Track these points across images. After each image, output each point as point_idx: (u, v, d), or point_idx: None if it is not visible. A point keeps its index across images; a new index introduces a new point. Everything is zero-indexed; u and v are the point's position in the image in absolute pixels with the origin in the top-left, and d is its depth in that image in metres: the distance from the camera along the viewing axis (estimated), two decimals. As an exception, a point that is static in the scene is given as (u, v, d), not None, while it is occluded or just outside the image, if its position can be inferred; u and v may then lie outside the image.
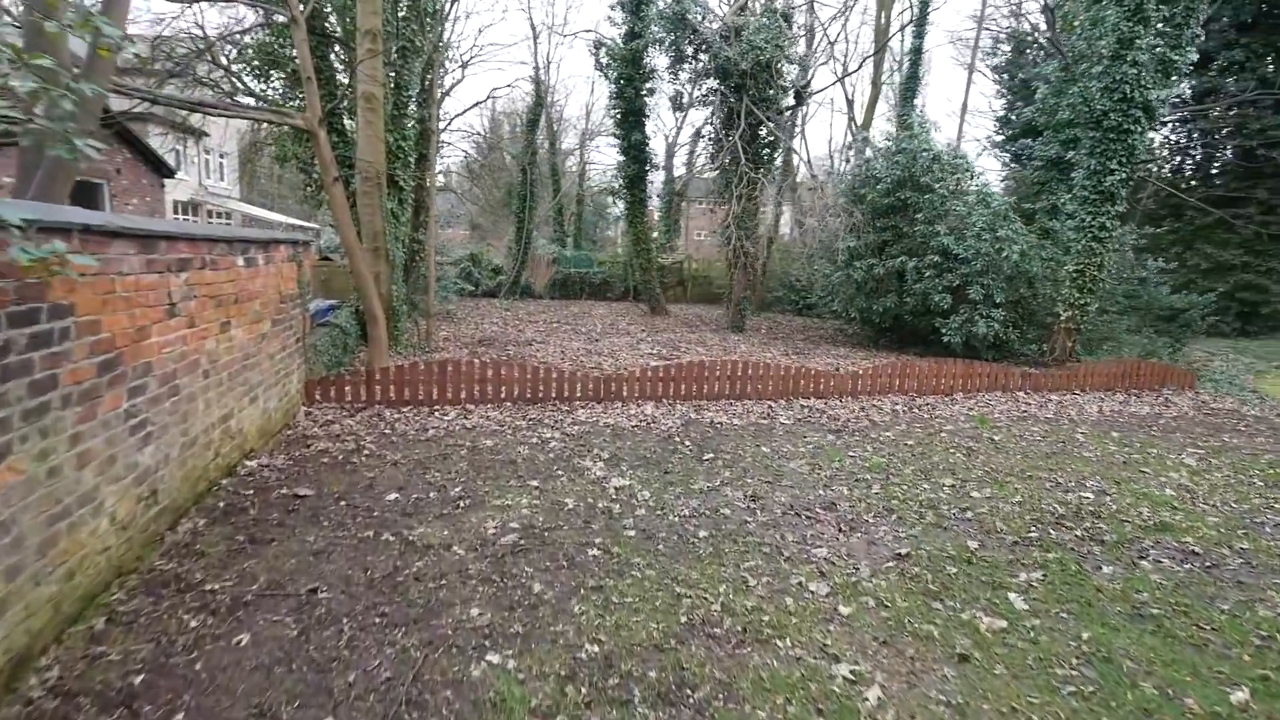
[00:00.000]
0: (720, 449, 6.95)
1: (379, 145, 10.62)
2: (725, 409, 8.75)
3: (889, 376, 10.12)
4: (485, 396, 8.31)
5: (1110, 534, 5.04)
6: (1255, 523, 5.44)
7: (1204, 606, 3.97)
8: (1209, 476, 6.73)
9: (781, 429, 7.94)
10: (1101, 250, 13.33)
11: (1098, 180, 13.19)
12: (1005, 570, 4.36)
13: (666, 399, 9.00)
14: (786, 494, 5.67)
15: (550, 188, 33.98)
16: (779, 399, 9.43)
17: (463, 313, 18.35)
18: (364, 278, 9.29)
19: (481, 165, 32.90)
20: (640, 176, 19.72)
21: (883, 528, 5.00)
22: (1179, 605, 3.97)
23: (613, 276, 28.79)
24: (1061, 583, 4.20)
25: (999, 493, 5.91)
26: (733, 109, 16.16)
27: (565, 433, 7.27)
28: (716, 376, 9.21)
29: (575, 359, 11.96)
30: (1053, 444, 7.80)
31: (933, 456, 7.02)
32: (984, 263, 13.41)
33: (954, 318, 13.56)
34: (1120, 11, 12.51)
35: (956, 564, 4.42)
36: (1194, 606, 3.97)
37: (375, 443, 6.51)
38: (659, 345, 14.06)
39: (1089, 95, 13.22)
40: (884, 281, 15.06)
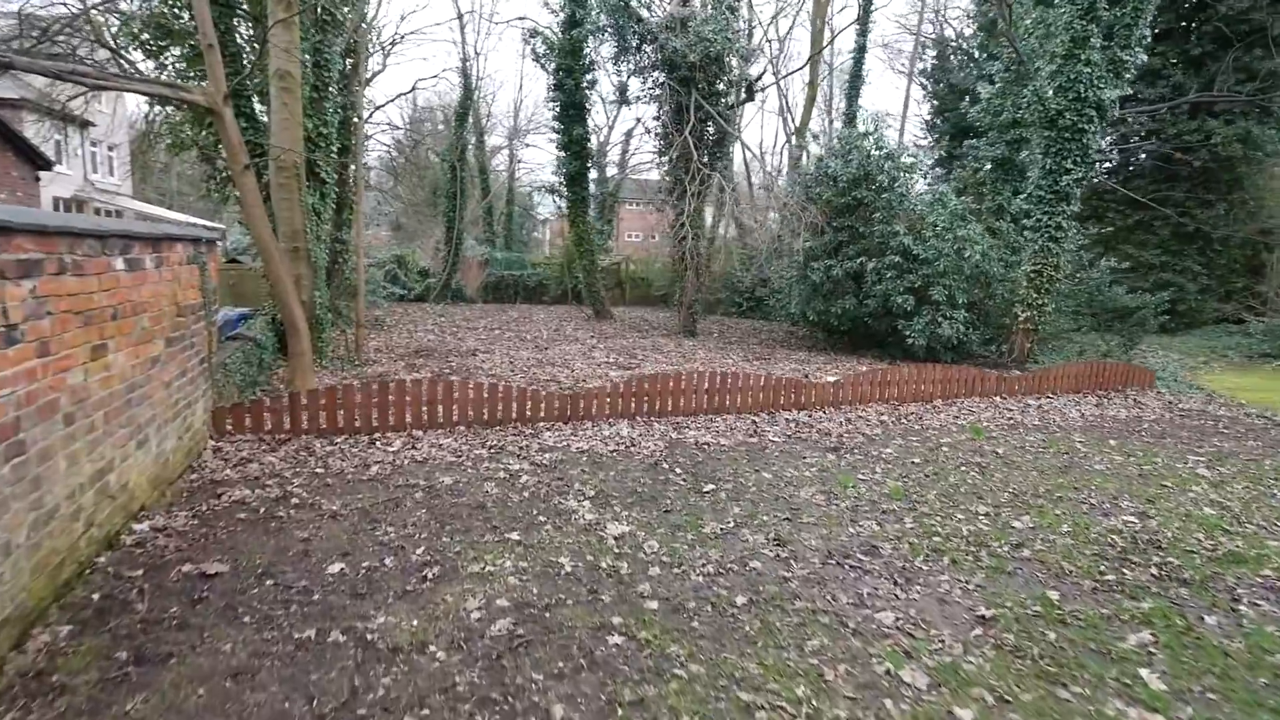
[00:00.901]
0: (717, 476, 6.06)
1: (296, 130, 9.22)
2: (706, 426, 7.88)
3: (870, 385, 9.52)
4: (435, 420, 7.12)
5: (1186, 570, 4.44)
6: (1314, 545, 4.99)
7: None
8: (1231, 489, 6.34)
9: (775, 449, 7.13)
10: (1058, 250, 13.26)
11: (1053, 180, 13.10)
12: (1108, 631, 3.64)
13: (641, 416, 8.05)
14: (814, 535, 4.82)
15: (479, 187, 32.43)
16: (760, 412, 8.64)
17: (392, 319, 16.81)
18: (282, 282, 7.91)
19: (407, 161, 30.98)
20: (582, 173, 18.68)
21: (942, 578, 4.22)
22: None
23: (548, 279, 27.61)
24: (1179, 646, 3.51)
25: (1041, 521, 5.25)
26: (682, 103, 15.37)
27: (535, 463, 6.21)
28: (694, 390, 8.33)
29: (526, 370, 10.83)
30: (1058, 456, 7.30)
31: (948, 477, 6.36)
32: (947, 263, 13.11)
33: (917, 319, 13.20)
34: (1074, 10, 12.43)
35: (1050, 625, 3.67)
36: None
37: (306, 487, 5.27)
38: (614, 353, 13.08)
39: (1043, 94, 13.11)
40: (841, 283, 14.60)
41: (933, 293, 13.14)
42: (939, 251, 13.18)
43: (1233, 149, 21.49)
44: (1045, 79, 13.19)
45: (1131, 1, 12.56)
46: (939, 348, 13.49)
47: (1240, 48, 20.98)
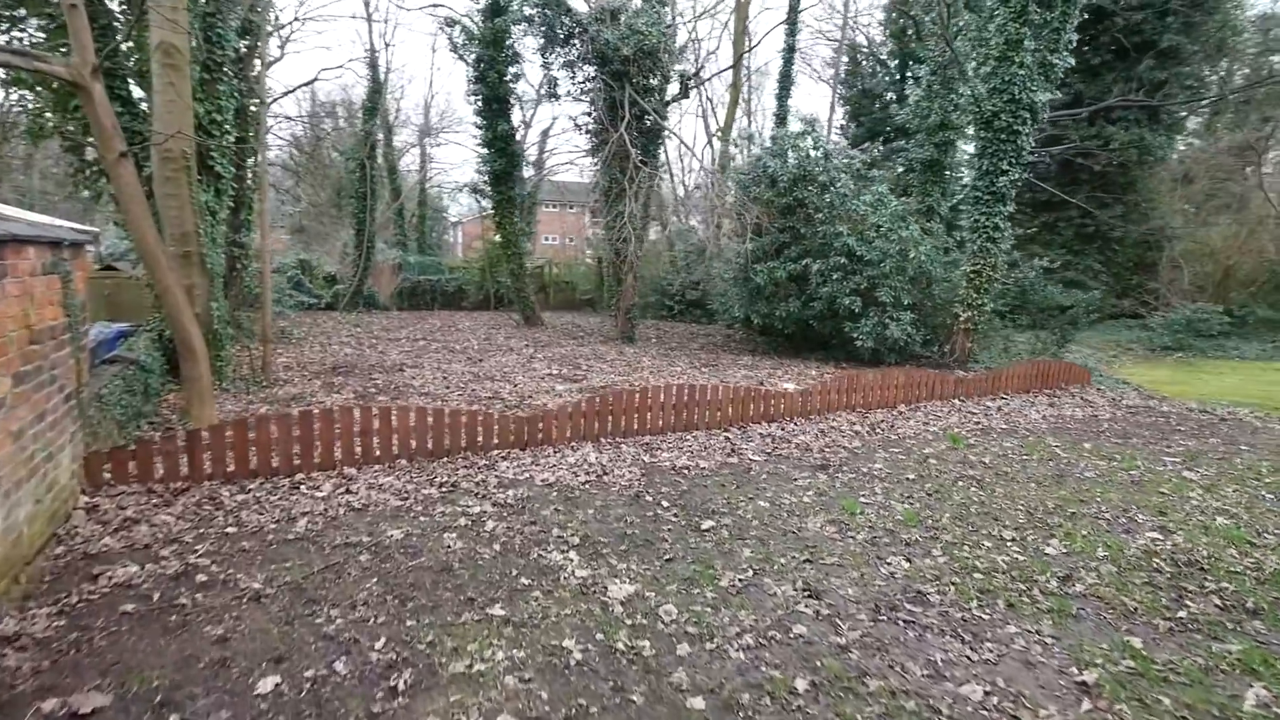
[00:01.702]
0: (710, 509, 5.33)
1: (185, 115, 7.87)
2: (679, 446, 7.14)
3: (838, 392, 9.06)
4: (371, 454, 6.04)
5: (1246, 597, 4.07)
6: (1340, 555, 4.78)
7: None
8: (1224, 493, 6.19)
9: (759, 470, 6.47)
10: (995, 251, 13.38)
11: (990, 181, 13.19)
12: (1218, 688, 3.14)
13: (606, 438, 7.21)
14: (845, 580, 4.16)
15: (389, 188, 30.53)
16: (730, 427, 7.99)
17: (301, 331, 15.17)
18: (172, 293, 6.59)
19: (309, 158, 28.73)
20: (508, 172, 17.58)
21: (1009, 629, 3.64)
22: None
23: (468, 284, 26.22)
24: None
25: (1072, 546, 4.82)
26: (616, 99, 14.62)
27: (499, 503, 5.27)
28: (661, 406, 7.57)
29: (463, 387, 9.76)
30: (1044, 464, 7.02)
31: (951, 495, 5.89)
32: (891, 264, 12.95)
33: (865, 321, 12.97)
34: (1007, 12, 12.53)
35: (1155, 685, 3.14)
36: None
37: (216, 555, 4.15)
38: (555, 363, 12.15)
39: (978, 96, 13.19)
40: (785, 285, 14.25)
41: (879, 294, 12.95)
42: (884, 253, 13.02)
43: (1128, 154, 22.85)
44: (979, 80, 13.28)
45: (1060, 6, 12.81)
46: (884, 349, 13.34)
47: (1134, 59, 22.32)
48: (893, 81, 30.69)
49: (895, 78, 30.65)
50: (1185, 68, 23.31)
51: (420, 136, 34.43)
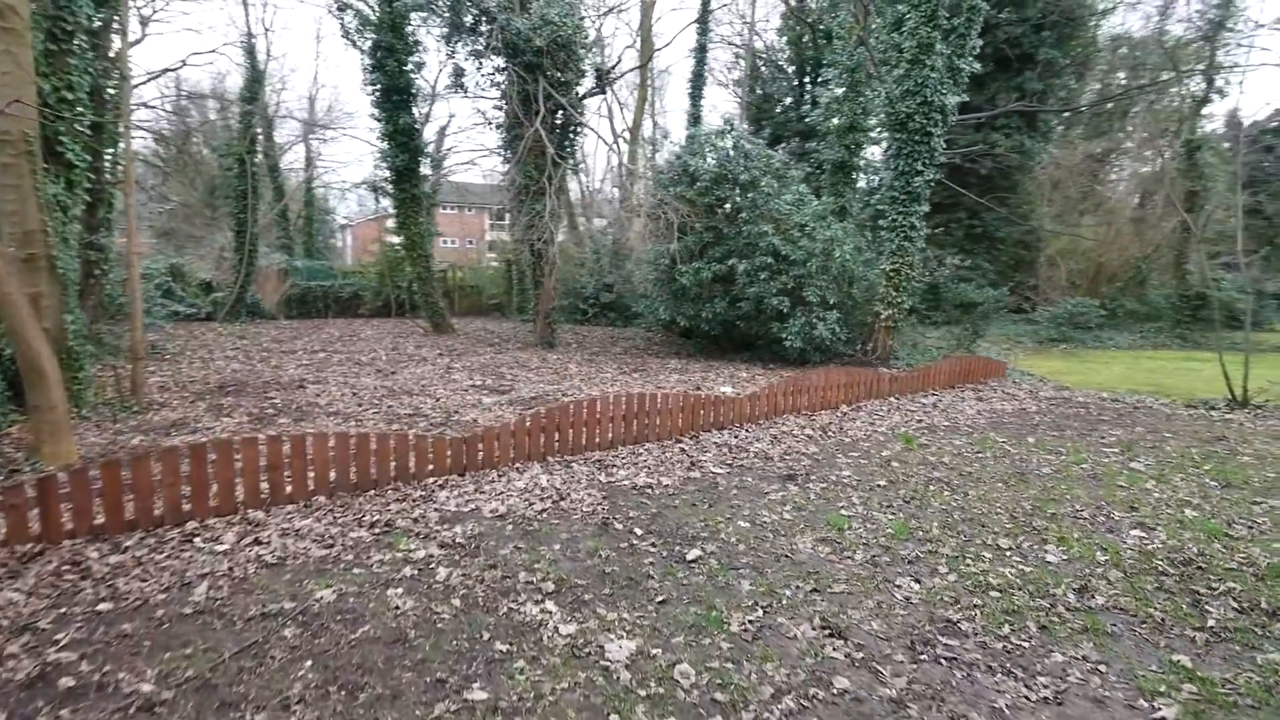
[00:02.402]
0: (689, 534, 4.78)
1: (26, 89, 6.50)
2: (633, 460, 6.56)
3: (784, 395, 8.77)
4: (281, 492, 5.06)
5: (1257, 597, 3.95)
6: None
7: None
8: (1174, 482, 6.29)
9: (725, 484, 5.99)
10: (912, 249, 13.67)
11: (906, 181, 13.44)
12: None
13: (553, 456, 6.51)
14: (863, 612, 3.72)
15: (271, 187, 28.13)
16: (682, 437, 7.49)
17: (176, 346, 13.38)
18: (13, 304, 5.35)
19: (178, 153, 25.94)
20: (411, 168, 16.37)
21: (1055, 657, 3.30)
22: None
23: (365, 289, 24.49)
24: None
25: (1073, 552, 4.61)
26: (530, 92, 13.84)
27: (446, 543, 4.49)
28: (610, 418, 6.95)
29: (378, 403, 8.73)
30: (999, 461, 6.96)
31: (929, 501, 5.63)
32: (817, 264, 12.92)
33: (792, 321, 12.87)
34: (918, 16, 12.78)
35: (1227, 712, 2.87)
36: None
37: (84, 646, 3.17)
38: (476, 373, 11.23)
39: (893, 98, 13.41)
40: (710, 286, 13.97)
41: (806, 294, 12.89)
42: (809, 252, 12.97)
43: (1011, 159, 24.35)
44: (893, 83, 13.51)
45: (965, 12, 13.23)
46: (811, 349, 13.30)
47: (1015, 69, 23.81)
48: (792, 87, 31.49)
49: (794, 83, 31.46)
50: (1058, 80, 25.12)
51: (305, 132, 31.96)
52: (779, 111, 30.78)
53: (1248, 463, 7.07)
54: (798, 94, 31.07)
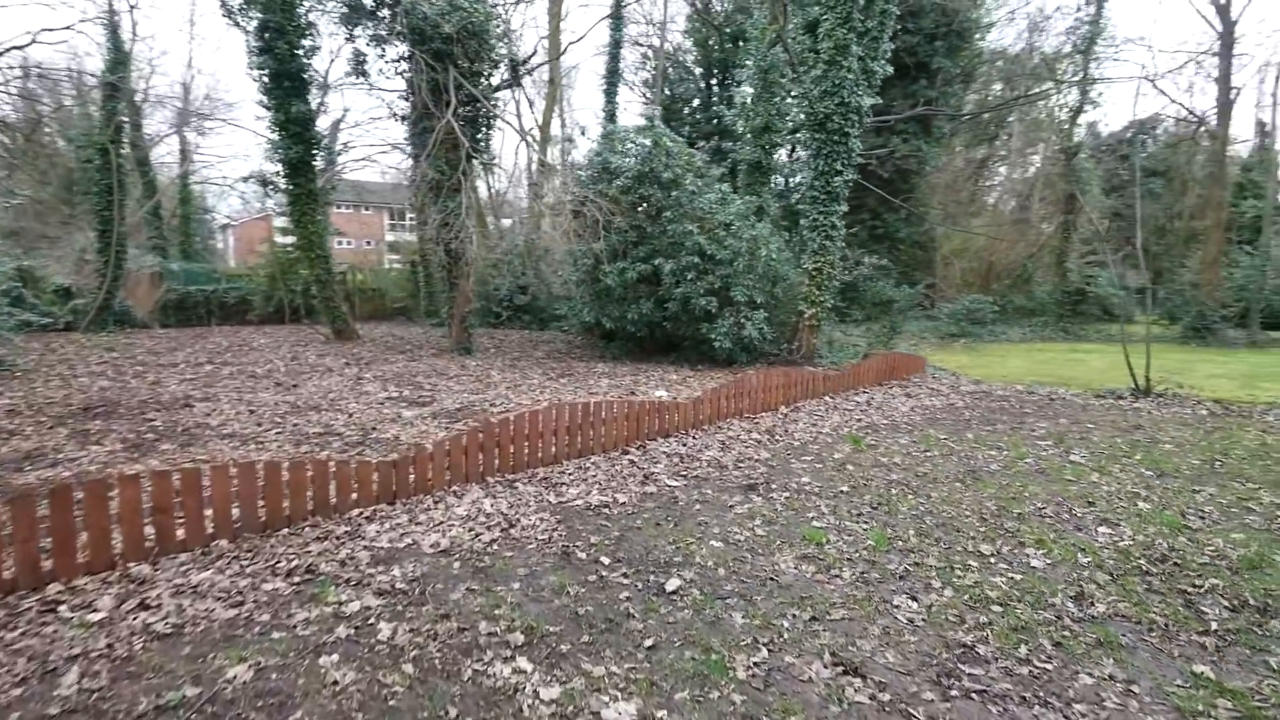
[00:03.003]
0: (661, 560, 4.32)
1: None
2: (581, 476, 6.03)
3: (726, 399, 8.48)
4: (171, 537, 4.19)
5: (1242, 593, 3.92)
6: None
7: None
8: (1114, 474, 6.43)
9: (685, 498, 5.57)
10: (833, 248, 13.79)
11: (826, 181, 13.54)
12: (1330, 724, 2.78)
13: (493, 476, 5.88)
14: (873, 643, 3.39)
15: (139, 182, 25.43)
16: (628, 447, 7.02)
17: (29, 361, 11.57)
18: None
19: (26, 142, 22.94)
20: (306, 161, 15.02)
21: (1082, 679, 3.07)
22: None
23: (254, 293, 22.52)
24: None
25: (1054, 555, 4.49)
26: (440, 82, 12.95)
27: (385, 589, 3.82)
28: (552, 430, 6.38)
29: (281, 422, 7.74)
30: (947, 459, 6.92)
31: (899, 507, 5.43)
32: (743, 263, 12.78)
33: (721, 322, 12.67)
34: (835, 18, 12.90)
35: None
36: None
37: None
38: (391, 384, 10.30)
39: (812, 98, 13.48)
40: (636, 287, 13.58)
41: (733, 293, 12.73)
42: (735, 252, 12.81)
43: (909, 163, 25.40)
44: (811, 84, 13.59)
45: (878, 16, 13.48)
46: (738, 349, 13.17)
47: (911, 77, 24.85)
48: (699, 89, 31.69)
49: (701, 86, 31.68)
50: (949, 88, 26.45)
51: (179, 122, 29.14)
52: (687, 113, 30.88)
53: (1171, 450, 7.38)
54: (705, 96, 31.29)
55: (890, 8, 13.62)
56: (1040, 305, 25.48)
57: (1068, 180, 24.26)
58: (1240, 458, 7.06)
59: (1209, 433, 8.26)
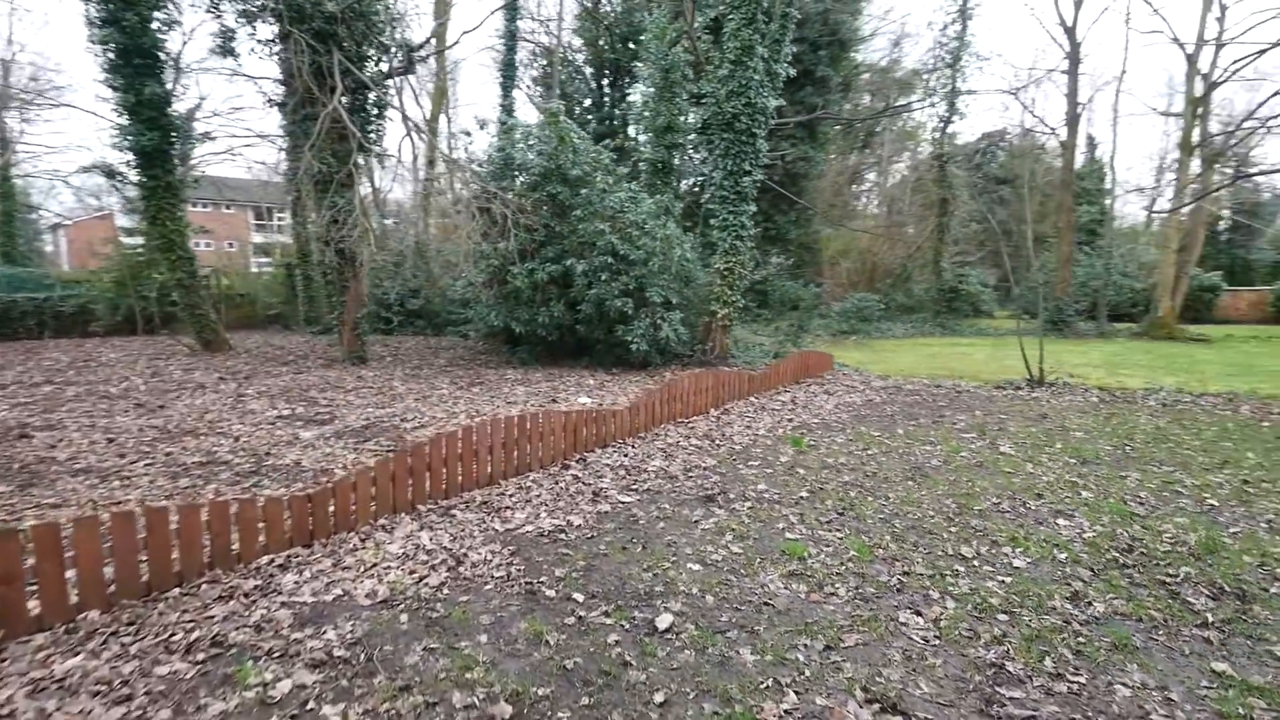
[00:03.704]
0: (639, 590, 3.86)
1: None
2: (524, 497, 5.45)
3: (660, 403, 8.11)
4: (21, 616, 3.24)
5: (1215, 579, 3.99)
6: (1230, 519, 5.18)
7: None
8: (1043, 463, 6.62)
9: (642, 515, 5.13)
10: (743, 248, 13.83)
11: (735, 181, 13.56)
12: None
13: (424, 504, 5.17)
14: (899, 669, 3.10)
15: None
16: (567, 461, 6.49)
17: None
18: None
19: None
20: (162, 151, 13.20)
21: (1119, 691, 2.92)
22: None
23: (98, 301, 19.77)
24: None
25: (1033, 553, 4.43)
26: (323, 66, 11.75)
27: (318, 660, 3.11)
28: (488, 448, 5.73)
29: (150, 452, 6.54)
30: (889, 456, 6.91)
31: (863, 511, 5.25)
32: (658, 263, 12.50)
33: (637, 323, 12.31)
34: (740, 18, 12.91)
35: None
36: None
37: None
38: (281, 400, 9.13)
39: (719, 98, 13.44)
40: (545, 289, 12.96)
41: (649, 294, 12.41)
42: (649, 251, 12.50)
43: (798, 166, 26.25)
44: (718, 83, 13.54)
45: (779, 19, 13.64)
46: (654, 351, 12.87)
47: (798, 84, 25.67)
48: (590, 89, 31.32)
49: (592, 86, 31.32)
50: (832, 96, 27.59)
51: (-6, 105, 25.29)
52: (579, 113, 30.42)
53: (1083, 438, 7.76)
54: (597, 96, 30.97)
55: (791, 11, 13.85)
56: (919, 303, 27.11)
57: (941, 185, 25.93)
58: (1144, 442, 7.53)
59: (1107, 419, 8.83)
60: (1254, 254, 42.26)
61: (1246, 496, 5.58)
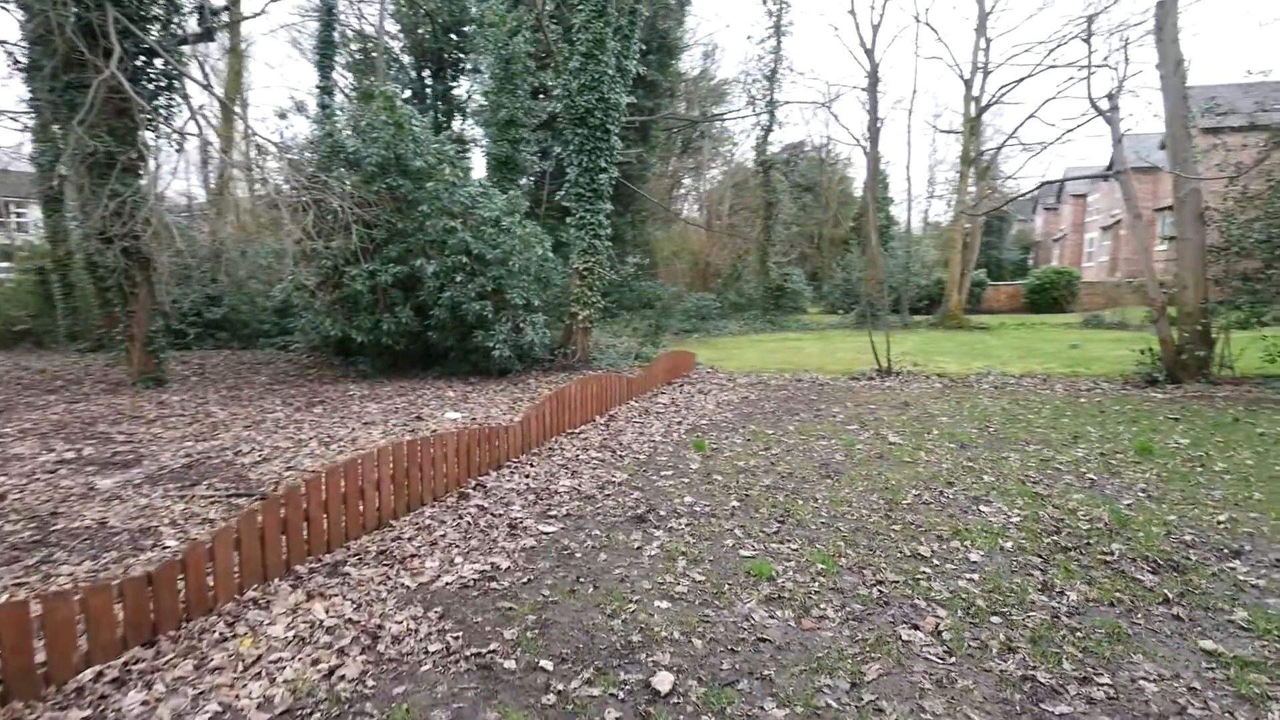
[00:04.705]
0: (615, 645, 3.26)
1: None
2: (427, 539, 4.56)
3: (551, 413, 7.42)
4: None
5: (1147, 554, 4.19)
6: (1115, 492, 5.57)
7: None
8: (936, 453, 6.87)
9: (579, 547, 4.50)
10: (601, 247, 13.45)
11: (591, 178, 13.13)
12: None
13: (304, 564, 4.11)
14: (942, 704, 2.80)
15: None
16: (464, 486, 5.63)
17: None
18: None
19: None
20: None
21: (1145, 687, 2.84)
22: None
23: None
24: None
25: (979, 544, 4.42)
26: (94, 24, 9.51)
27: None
28: (378, 481, 4.74)
29: None
30: (793, 454, 6.83)
31: (801, 516, 5.02)
32: (518, 263, 11.68)
33: (499, 328, 11.40)
34: (590, 10, 12.50)
35: (1333, 708, 2.71)
36: None
37: None
38: (58, 438, 7.12)
39: (572, 91, 12.92)
40: (389, 292, 11.63)
41: (510, 296, 11.55)
42: (508, 250, 11.64)
43: (633, 168, 26.41)
44: (570, 76, 13.01)
45: (628, 14, 13.41)
46: (515, 357, 12.05)
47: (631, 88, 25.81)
48: (410, 80, 29.26)
49: (413, 76, 29.30)
50: (660, 100, 28.12)
51: None
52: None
53: (948, 423, 8.26)
54: (418, 88, 29.04)
55: (640, 7, 13.67)
56: (750, 301, 28.48)
57: (766, 190, 27.43)
58: (1001, 423, 8.18)
59: (958, 403, 9.55)
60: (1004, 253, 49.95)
61: (1113, 468, 6.14)
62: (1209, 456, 6.37)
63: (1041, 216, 53.62)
